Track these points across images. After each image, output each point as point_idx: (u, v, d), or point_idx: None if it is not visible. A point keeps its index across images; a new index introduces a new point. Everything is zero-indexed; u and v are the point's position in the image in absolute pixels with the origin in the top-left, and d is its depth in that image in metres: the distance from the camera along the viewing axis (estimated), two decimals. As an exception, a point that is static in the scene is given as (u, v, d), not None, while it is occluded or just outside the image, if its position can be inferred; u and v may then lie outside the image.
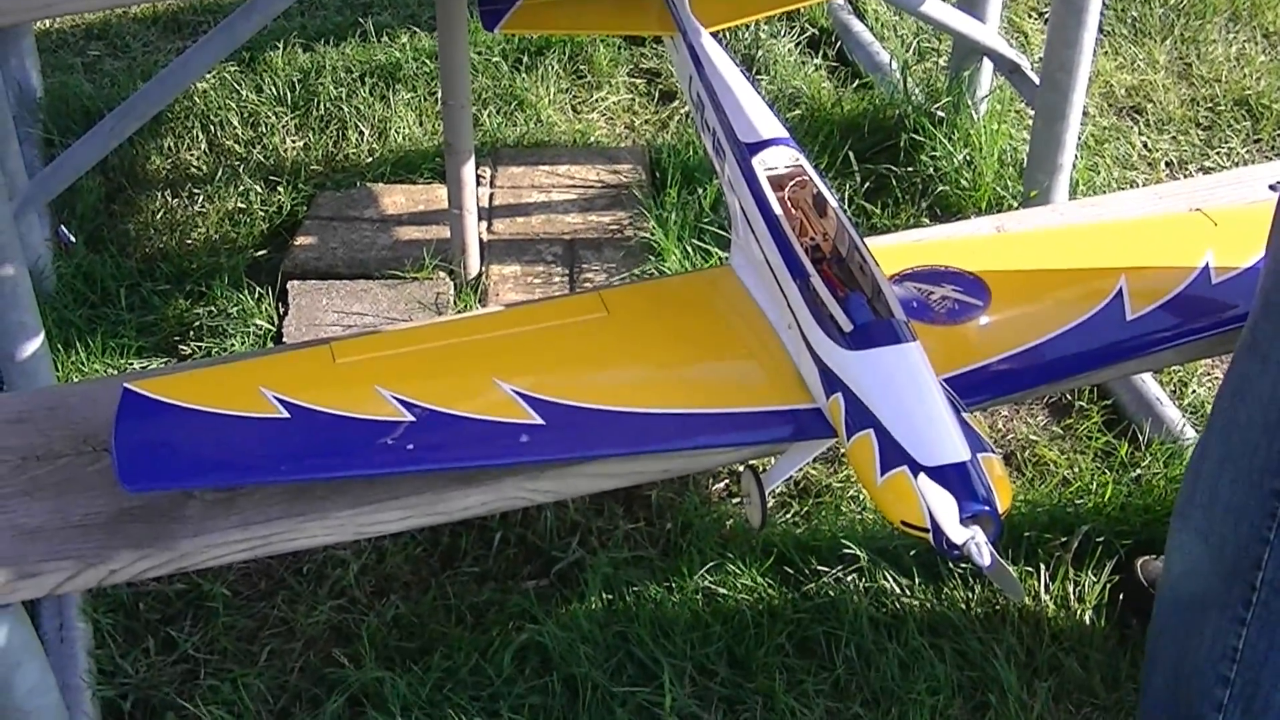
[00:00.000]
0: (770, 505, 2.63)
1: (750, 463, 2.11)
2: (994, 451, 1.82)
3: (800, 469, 2.23)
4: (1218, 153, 3.72)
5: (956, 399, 1.87)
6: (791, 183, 2.21)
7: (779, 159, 2.24)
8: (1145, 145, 3.74)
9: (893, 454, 1.79)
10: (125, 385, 1.92)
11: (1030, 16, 4.24)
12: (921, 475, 1.74)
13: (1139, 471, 2.73)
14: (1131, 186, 3.54)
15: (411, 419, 1.90)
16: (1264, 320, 1.87)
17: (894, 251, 2.25)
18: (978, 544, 1.71)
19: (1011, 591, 1.81)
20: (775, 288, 2.09)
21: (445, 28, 2.82)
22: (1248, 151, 3.74)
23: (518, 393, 1.94)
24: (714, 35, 2.55)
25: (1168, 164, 3.68)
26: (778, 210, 2.12)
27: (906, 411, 1.82)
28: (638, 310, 2.16)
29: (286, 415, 1.89)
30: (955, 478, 1.74)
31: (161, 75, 2.82)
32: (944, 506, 1.71)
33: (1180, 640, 2.07)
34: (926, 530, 1.74)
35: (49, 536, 1.83)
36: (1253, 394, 1.88)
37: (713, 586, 2.50)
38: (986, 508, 1.73)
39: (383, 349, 2.04)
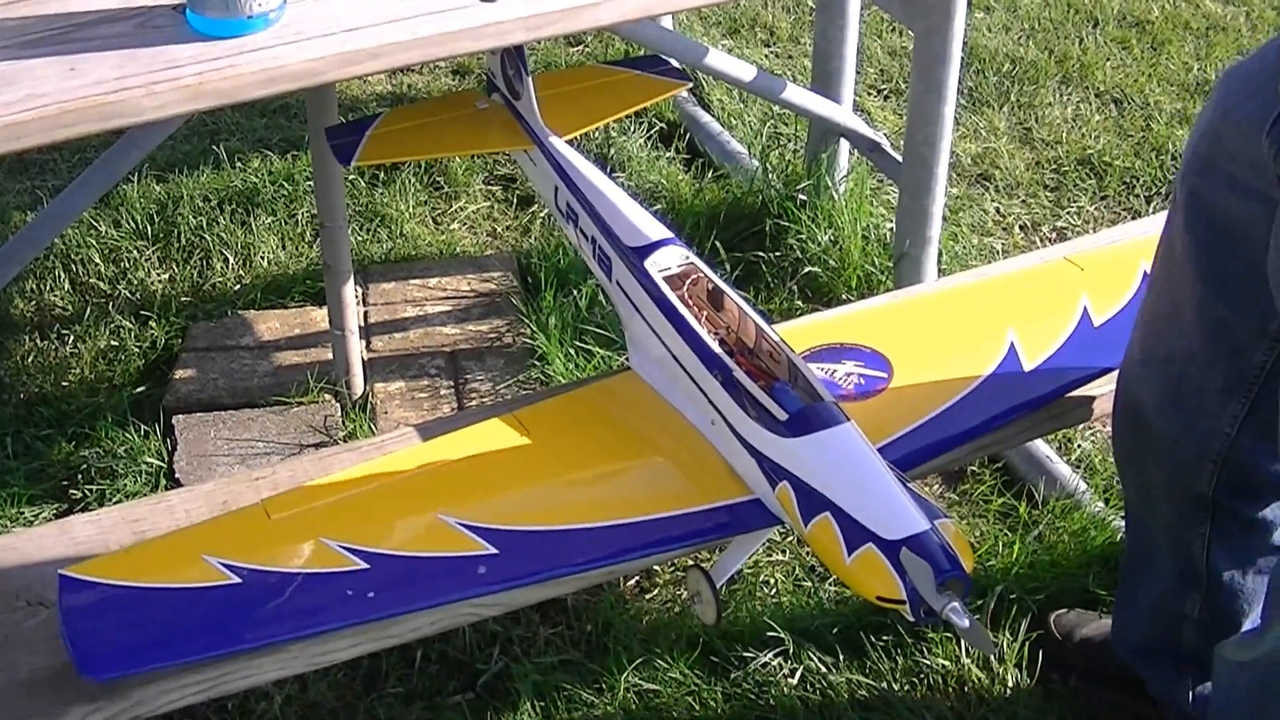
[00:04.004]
0: (686, 597, 2.64)
1: (695, 560, 2.13)
2: (946, 515, 1.86)
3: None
4: (1068, 212, 3.82)
5: (897, 470, 1.91)
6: (687, 281, 2.24)
7: (670, 259, 2.27)
8: (998, 210, 3.83)
9: (856, 533, 1.82)
10: (61, 572, 1.89)
11: (870, 94, 4.33)
12: (904, 550, 1.77)
13: (1040, 529, 2.78)
14: (990, 252, 3.62)
15: (365, 566, 1.90)
16: None
17: (789, 335, 2.29)
18: (955, 608, 1.75)
19: (985, 646, 1.86)
20: (690, 385, 2.11)
21: (319, 153, 2.82)
22: (1096, 209, 3.84)
23: (464, 525, 1.95)
24: (569, 142, 2.58)
25: (1021, 227, 3.78)
26: (683, 310, 2.15)
27: (860, 490, 1.86)
28: (557, 426, 2.19)
29: (237, 580, 1.88)
30: (922, 548, 1.78)
31: (38, 221, 2.78)
32: (921, 577, 1.75)
33: None
34: (903, 602, 1.78)
35: (-4, 697, 1.80)
36: None
37: (643, 683, 2.50)
38: (956, 571, 1.77)
39: (316, 499, 2.03)
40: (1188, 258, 1.97)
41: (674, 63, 2.97)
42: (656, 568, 2.70)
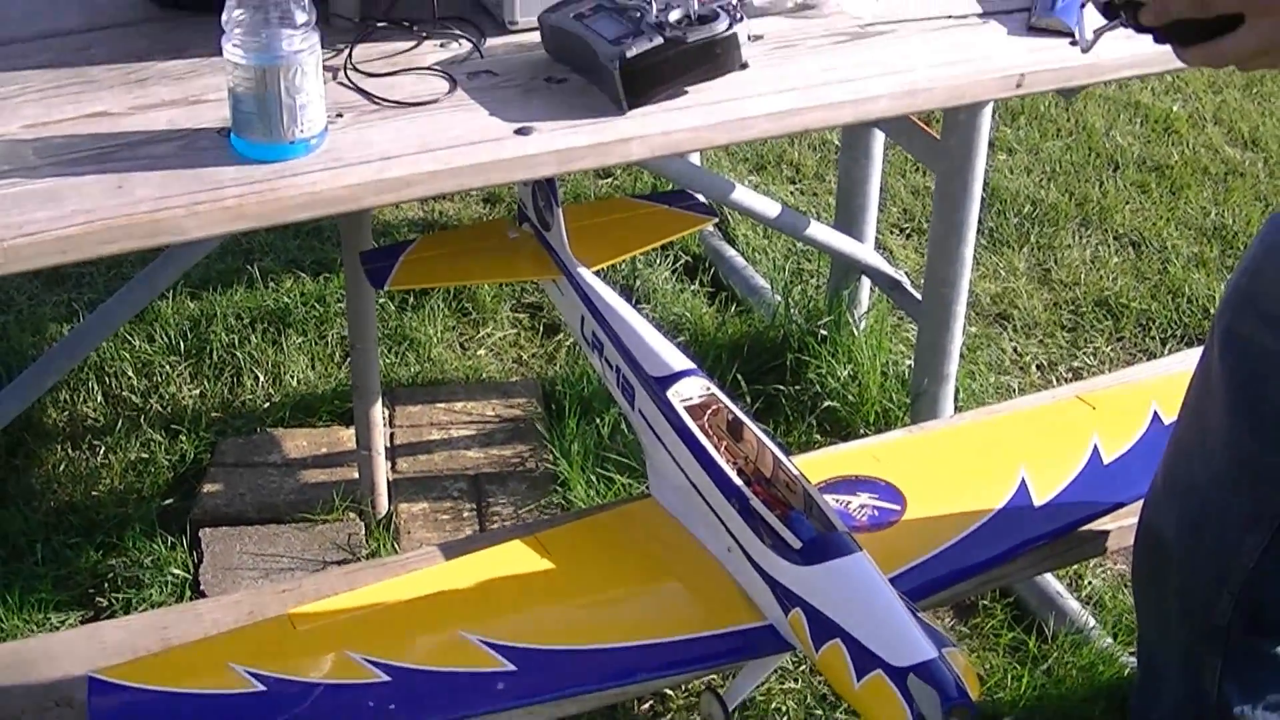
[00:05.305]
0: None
1: (708, 684, 2.17)
2: (954, 644, 1.91)
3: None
4: (1084, 353, 3.88)
5: (908, 600, 1.96)
6: (708, 412, 2.30)
7: (692, 389, 2.32)
8: (1015, 350, 3.89)
9: (865, 660, 1.87)
10: (90, 674, 1.94)
11: (892, 232, 4.40)
12: (911, 676, 1.82)
13: (1049, 663, 2.81)
14: (1007, 391, 3.68)
15: (387, 679, 1.94)
16: None
17: (806, 466, 2.34)
18: None
19: None
20: (708, 513, 2.16)
21: (352, 276, 2.89)
22: (1112, 350, 3.90)
23: (484, 642, 2.00)
24: (596, 273, 2.65)
25: (1038, 367, 3.83)
26: (703, 440, 2.20)
27: (870, 618, 1.90)
28: (577, 549, 2.24)
29: (262, 688, 1.93)
30: (929, 676, 1.82)
31: (75, 334, 2.85)
32: (928, 704, 1.80)
33: None
34: None
35: (28, 797, 1.84)
36: None
37: (655, 806, 2.54)
38: (962, 700, 1.81)
39: (341, 613, 2.08)
40: (1221, 390, 2.00)
41: (701, 197, 3.04)
42: (670, 691, 2.74)
